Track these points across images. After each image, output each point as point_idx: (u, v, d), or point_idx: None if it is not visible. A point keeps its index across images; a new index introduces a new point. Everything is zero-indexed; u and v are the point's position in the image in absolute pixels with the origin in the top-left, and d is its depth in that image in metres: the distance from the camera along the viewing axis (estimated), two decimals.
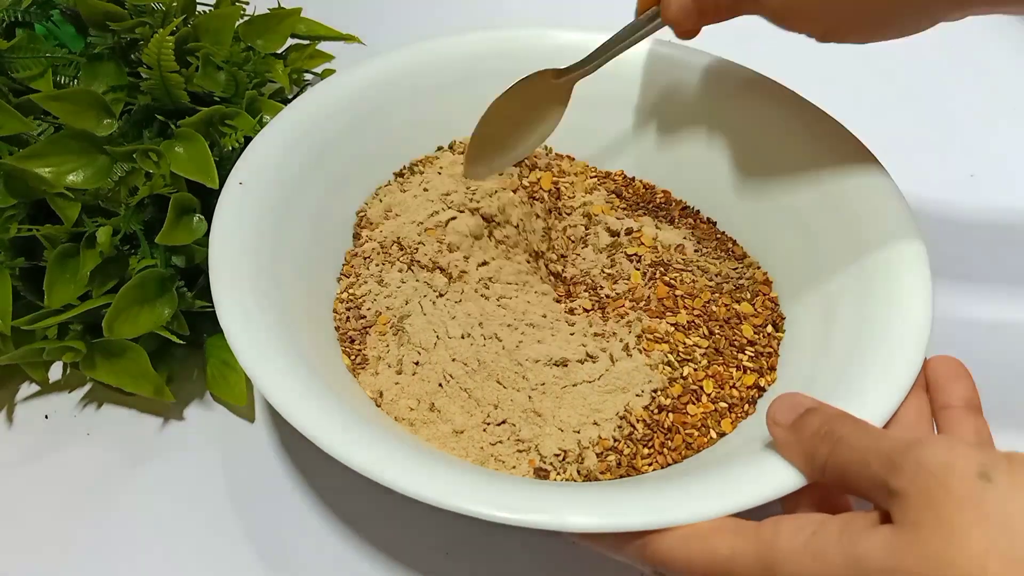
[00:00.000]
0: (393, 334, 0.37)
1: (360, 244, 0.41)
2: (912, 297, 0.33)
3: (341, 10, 0.58)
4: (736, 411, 0.35)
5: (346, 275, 0.40)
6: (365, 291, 0.39)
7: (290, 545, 0.37)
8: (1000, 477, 0.22)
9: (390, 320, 0.37)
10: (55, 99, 0.40)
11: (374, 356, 0.37)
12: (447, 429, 0.34)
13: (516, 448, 0.34)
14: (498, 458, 0.34)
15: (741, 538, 0.26)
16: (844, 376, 0.32)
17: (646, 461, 0.34)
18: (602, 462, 0.33)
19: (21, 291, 0.39)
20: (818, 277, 0.38)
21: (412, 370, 0.36)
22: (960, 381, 0.31)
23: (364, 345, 0.37)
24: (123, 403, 0.41)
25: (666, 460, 0.34)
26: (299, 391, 0.30)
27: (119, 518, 0.38)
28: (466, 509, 0.27)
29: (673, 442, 0.34)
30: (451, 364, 0.36)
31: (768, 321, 0.39)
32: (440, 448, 0.34)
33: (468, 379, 0.35)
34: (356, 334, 0.38)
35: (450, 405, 0.35)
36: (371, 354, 0.37)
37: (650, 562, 0.27)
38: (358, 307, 0.39)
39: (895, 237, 0.35)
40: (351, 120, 0.42)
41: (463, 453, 0.34)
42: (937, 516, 0.22)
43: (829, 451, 0.26)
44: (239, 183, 0.37)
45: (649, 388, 0.35)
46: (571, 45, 0.44)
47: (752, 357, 0.37)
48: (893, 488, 0.23)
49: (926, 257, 0.34)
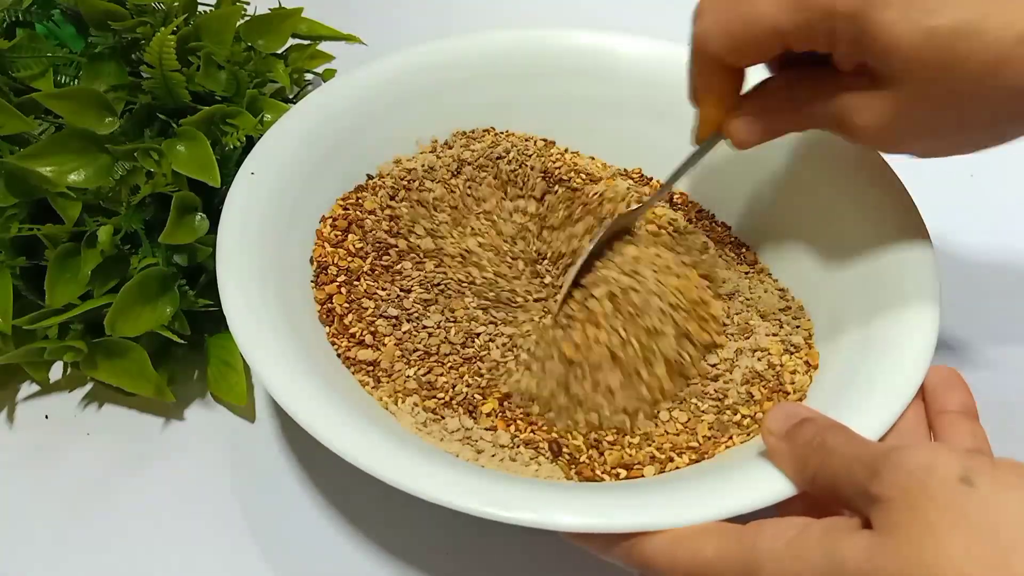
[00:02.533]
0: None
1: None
2: (918, 314, 0.33)
3: (342, 10, 0.58)
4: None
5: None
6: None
7: (290, 544, 0.37)
8: (983, 482, 0.22)
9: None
10: (57, 97, 0.40)
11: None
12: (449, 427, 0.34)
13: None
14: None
15: (725, 540, 0.26)
16: (845, 389, 0.32)
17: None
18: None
19: (22, 290, 0.39)
20: (825, 290, 0.38)
21: (414, 363, 0.36)
22: (957, 389, 0.31)
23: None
24: (124, 403, 0.41)
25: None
26: (300, 383, 0.30)
27: (119, 518, 0.38)
28: (456, 504, 0.27)
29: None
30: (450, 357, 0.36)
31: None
32: (438, 443, 0.34)
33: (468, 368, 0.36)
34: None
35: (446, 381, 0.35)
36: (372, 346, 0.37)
37: (636, 564, 0.27)
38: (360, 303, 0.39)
39: (905, 249, 0.35)
40: (363, 117, 0.42)
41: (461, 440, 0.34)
42: (917, 519, 0.22)
43: (820, 462, 0.26)
44: (251, 173, 0.37)
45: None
46: (578, 46, 0.45)
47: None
48: (874, 493, 0.23)
49: (936, 272, 0.34)
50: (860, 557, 0.22)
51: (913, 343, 0.32)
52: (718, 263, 0.41)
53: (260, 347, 0.31)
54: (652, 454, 0.34)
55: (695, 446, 0.34)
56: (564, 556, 0.36)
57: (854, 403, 0.31)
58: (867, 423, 0.29)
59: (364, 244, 0.39)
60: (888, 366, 0.32)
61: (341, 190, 0.41)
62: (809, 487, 0.27)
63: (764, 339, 0.38)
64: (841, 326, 0.36)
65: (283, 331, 0.32)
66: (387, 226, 0.40)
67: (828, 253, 0.39)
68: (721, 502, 0.27)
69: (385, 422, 0.34)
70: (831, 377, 0.35)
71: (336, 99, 0.42)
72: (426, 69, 0.44)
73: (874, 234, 0.36)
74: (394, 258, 0.39)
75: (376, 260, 0.39)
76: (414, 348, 0.36)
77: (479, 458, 0.34)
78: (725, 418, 0.35)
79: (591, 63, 0.44)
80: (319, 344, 0.36)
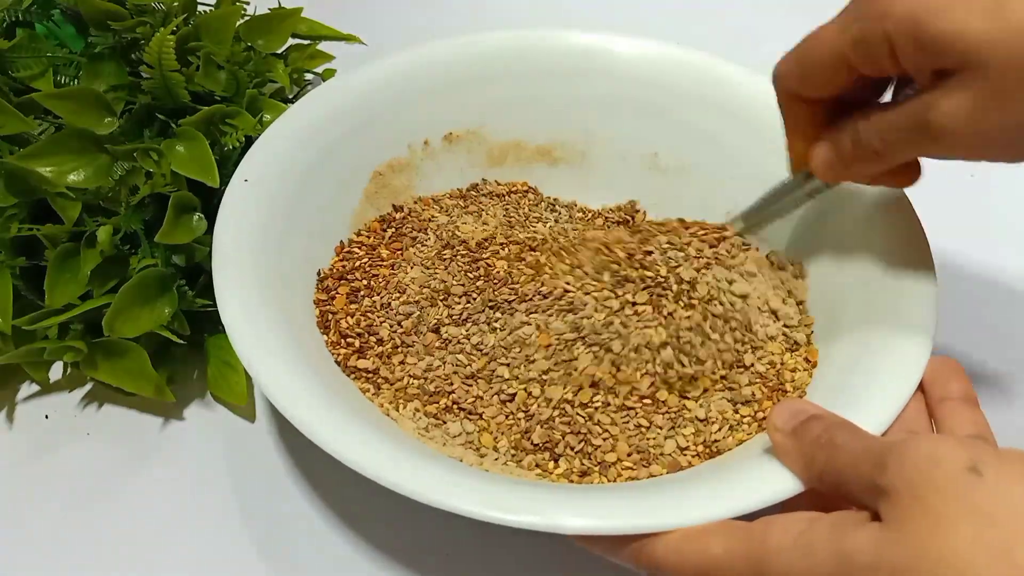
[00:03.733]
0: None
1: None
2: (917, 310, 0.33)
3: (342, 10, 0.58)
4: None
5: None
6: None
7: (290, 544, 0.37)
8: (990, 472, 0.22)
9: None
10: (56, 97, 0.40)
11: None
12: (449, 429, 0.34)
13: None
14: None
15: (733, 537, 0.26)
16: (845, 386, 0.32)
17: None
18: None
19: (22, 291, 0.39)
20: (824, 287, 0.38)
21: (414, 368, 0.36)
22: (956, 377, 0.31)
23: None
24: (123, 403, 0.41)
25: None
26: (299, 387, 0.30)
27: (119, 518, 0.38)
28: (461, 509, 0.27)
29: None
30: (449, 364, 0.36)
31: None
32: (440, 448, 0.34)
33: (471, 380, 0.35)
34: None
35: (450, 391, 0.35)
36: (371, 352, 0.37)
37: (644, 565, 0.27)
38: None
39: (902, 248, 0.35)
40: (358, 120, 0.42)
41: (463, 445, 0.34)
42: (924, 510, 0.22)
43: (827, 458, 0.26)
44: (244, 180, 0.37)
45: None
46: (579, 46, 0.44)
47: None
48: (881, 486, 0.23)
49: (933, 266, 0.34)
50: (869, 550, 0.22)
51: (912, 339, 0.32)
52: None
53: (260, 356, 0.31)
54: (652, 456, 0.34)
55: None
56: (564, 555, 0.36)
57: (855, 400, 0.31)
58: (868, 419, 0.29)
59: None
60: (887, 362, 0.32)
61: (338, 192, 0.41)
62: (816, 483, 0.27)
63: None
64: (840, 323, 0.36)
65: (283, 339, 0.32)
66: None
67: (827, 252, 0.39)
68: (728, 500, 0.27)
69: (387, 428, 0.34)
70: (831, 374, 0.35)
71: (333, 100, 0.42)
72: (424, 69, 0.44)
73: (872, 232, 0.36)
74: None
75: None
76: (415, 353, 0.36)
77: (482, 462, 0.33)
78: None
79: (589, 63, 0.44)
80: (318, 351, 0.35)
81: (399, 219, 0.43)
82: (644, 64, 0.44)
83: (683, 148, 0.44)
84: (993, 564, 0.20)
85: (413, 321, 0.37)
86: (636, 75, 0.44)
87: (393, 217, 0.43)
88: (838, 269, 0.38)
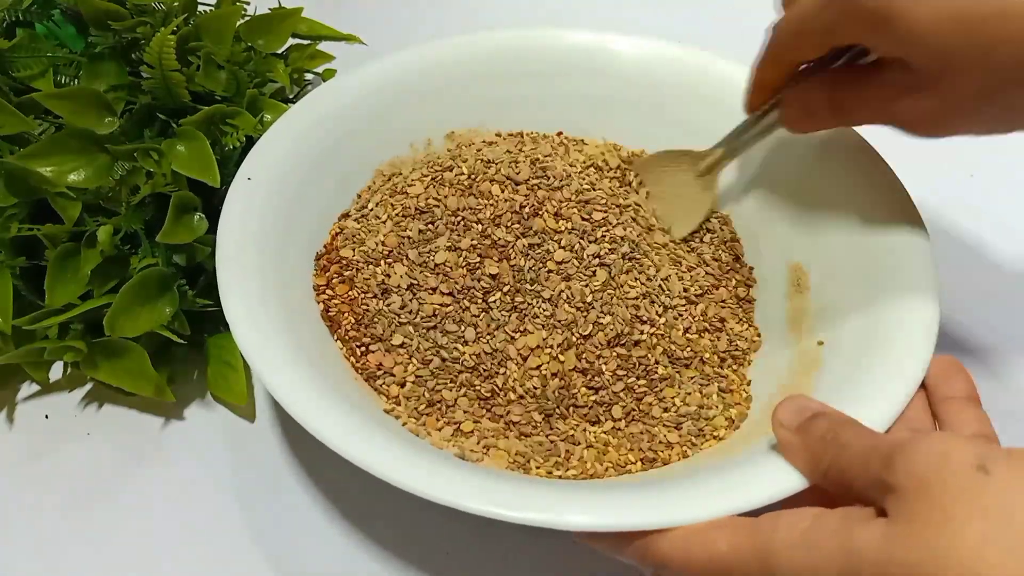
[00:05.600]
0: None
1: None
2: (918, 307, 0.33)
3: (342, 10, 0.58)
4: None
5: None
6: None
7: (291, 544, 0.37)
8: (998, 469, 0.22)
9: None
10: (57, 97, 0.40)
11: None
12: (448, 426, 0.34)
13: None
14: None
15: (739, 534, 0.26)
16: (847, 383, 0.32)
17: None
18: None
19: (22, 290, 0.39)
20: (824, 286, 0.38)
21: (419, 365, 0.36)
22: (958, 376, 0.31)
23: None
24: (123, 403, 0.41)
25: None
26: (303, 386, 0.30)
27: (119, 518, 0.38)
28: (465, 506, 0.27)
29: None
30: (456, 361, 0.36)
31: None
32: (441, 444, 0.34)
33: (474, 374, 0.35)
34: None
35: (451, 395, 0.35)
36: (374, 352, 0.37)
37: (650, 563, 0.27)
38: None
39: (904, 242, 0.35)
40: (359, 120, 0.42)
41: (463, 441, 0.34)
42: (933, 507, 0.22)
43: (833, 455, 0.26)
44: (247, 179, 0.37)
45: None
46: (579, 46, 0.45)
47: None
48: (889, 483, 0.23)
49: (934, 263, 0.34)
50: (876, 546, 0.22)
51: (914, 336, 0.32)
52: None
53: (264, 354, 0.31)
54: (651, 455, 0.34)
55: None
56: (565, 554, 0.36)
57: (857, 397, 0.31)
58: (870, 416, 0.29)
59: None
60: (890, 359, 0.32)
61: (340, 191, 0.41)
62: (821, 480, 0.27)
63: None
64: (840, 321, 0.36)
65: (286, 337, 0.32)
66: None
67: (827, 251, 0.39)
68: (734, 497, 0.27)
69: (391, 425, 0.34)
70: (832, 371, 0.35)
71: (334, 100, 0.42)
72: (424, 69, 0.44)
73: (872, 230, 0.36)
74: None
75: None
76: (421, 350, 0.36)
77: (486, 459, 0.33)
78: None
79: (588, 62, 0.44)
80: (322, 349, 0.35)
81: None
82: (643, 63, 0.44)
83: (682, 146, 0.44)
84: (1002, 562, 0.20)
85: (408, 309, 0.37)
86: (636, 74, 0.44)
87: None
88: (837, 268, 0.38)
